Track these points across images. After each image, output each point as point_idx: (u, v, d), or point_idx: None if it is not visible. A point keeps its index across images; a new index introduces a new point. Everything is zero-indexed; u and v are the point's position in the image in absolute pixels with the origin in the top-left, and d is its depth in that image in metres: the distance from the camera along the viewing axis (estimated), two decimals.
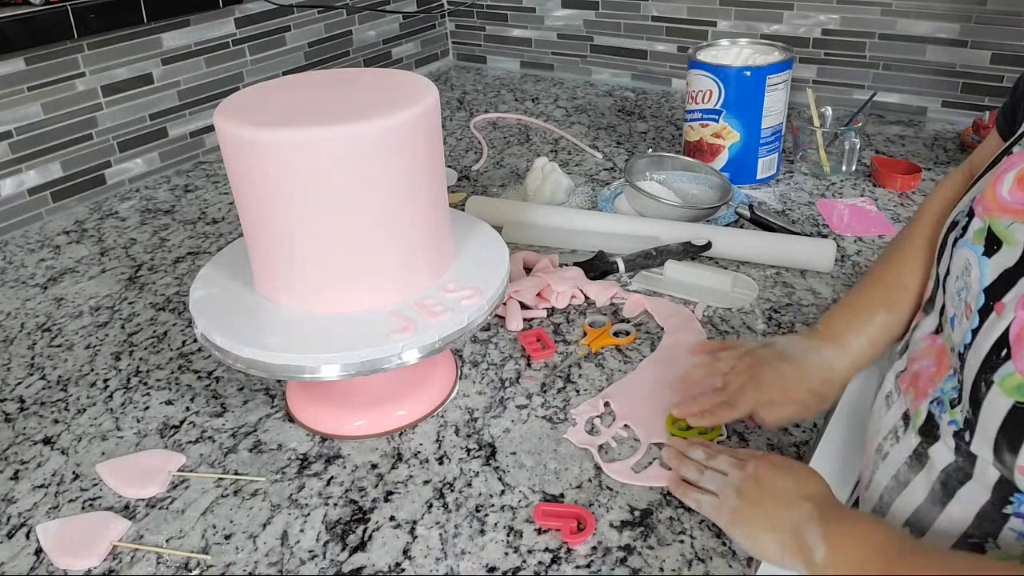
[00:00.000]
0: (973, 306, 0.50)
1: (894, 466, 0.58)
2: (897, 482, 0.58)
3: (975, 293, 0.50)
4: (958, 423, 0.51)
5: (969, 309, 0.50)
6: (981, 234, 0.52)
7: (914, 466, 0.56)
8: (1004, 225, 0.50)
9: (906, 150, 1.28)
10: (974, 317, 0.49)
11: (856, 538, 0.52)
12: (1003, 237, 0.50)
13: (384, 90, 0.69)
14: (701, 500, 0.62)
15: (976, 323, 0.49)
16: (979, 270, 0.51)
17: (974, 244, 0.53)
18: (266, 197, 0.65)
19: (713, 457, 0.64)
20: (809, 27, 1.43)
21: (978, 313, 0.49)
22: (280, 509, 0.67)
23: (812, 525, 0.54)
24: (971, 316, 0.50)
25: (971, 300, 0.50)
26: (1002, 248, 0.50)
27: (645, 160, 1.16)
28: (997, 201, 0.52)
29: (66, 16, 1.14)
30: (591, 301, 0.93)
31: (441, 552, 0.62)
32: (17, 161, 1.17)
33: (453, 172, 1.29)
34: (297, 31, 1.51)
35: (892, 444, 0.59)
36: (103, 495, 0.69)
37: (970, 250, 0.53)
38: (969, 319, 0.50)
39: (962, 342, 0.50)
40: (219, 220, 1.19)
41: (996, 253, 0.50)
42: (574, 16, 1.68)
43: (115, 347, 0.90)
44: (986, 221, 0.52)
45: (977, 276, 0.51)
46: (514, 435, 0.73)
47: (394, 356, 0.65)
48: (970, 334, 0.49)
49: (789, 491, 0.57)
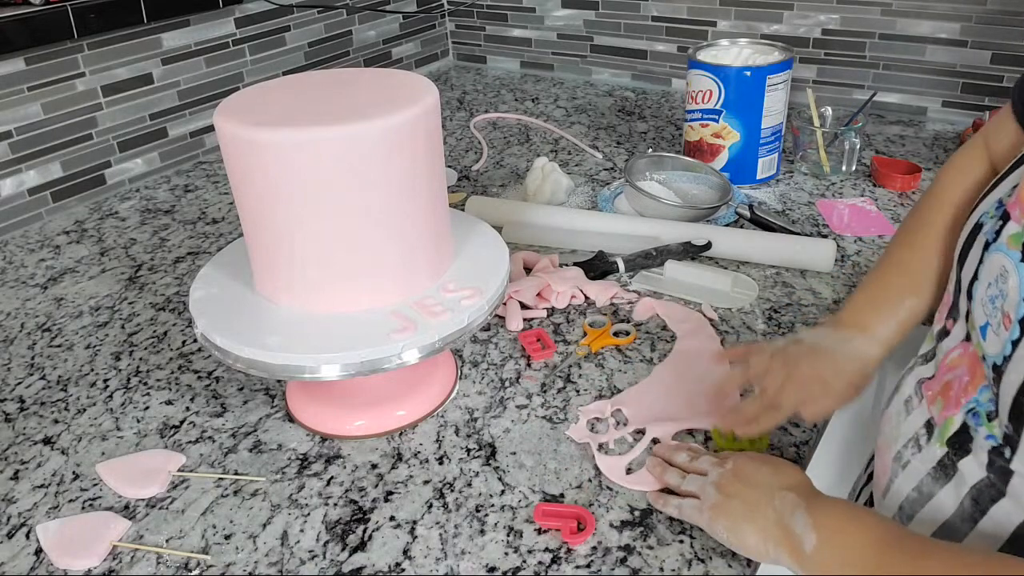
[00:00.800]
0: (1013, 316, 0.47)
1: (916, 477, 0.57)
2: (920, 494, 0.56)
3: (1014, 302, 0.47)
4: (996, 438, 0.49)
5: (1008, 319, 0.48)
6: (1018, 239, 0.49)
7: (939, 478, 0.54)
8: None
9: (906, 150, 1.28)
10: (1014, 328, 0.47)
11: (850, 526, 0.51)
12: None
13: (384, 90, 0.69)
14: (681, 505, 0.61)
15: (1017, 334, 0.47)
16: (1018, 277, 0.48)
17: (1010, 249, 0.50)
18: (266, 197, 0.65)
19: (696, 459, 0.64)
20: (809, 27, 1.43)
21: (1019, 324, 0.46)
22: (280, 509, 0.67)
23: (799, 513, 0.52)
24: (1011, 327, 0.47)
25: (1010, 309, 0.48)
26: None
27: (645, 160, 1.16)
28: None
29: (66, 16, 1.14)
30: (591, 301, 0.93)
31: (441, 552, 0.62)
32: (17, 161, 1.17)
33: (453, 172, 1.29)
34: (297, 31, 1.51)
35: (914, 453, 0.57)
36: (103, 495, 0.69)
37: (1006, 255, 0.50)
38: (1008, 330, 0.47)
39: (1000, 354, 0.48)
40: (219, 220, 1.19)
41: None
42: (574, 16, 1.68)
43: (115, 347, 0.90)
44: (1023, 225, 0.50)
45: (1016, 284, 0.48)
46: (514, 435, 0.73)
47: (394, 356, 0.65)
48: (1010, 345, 0.47)
49: (769, 481, 0.56)
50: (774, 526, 0.54)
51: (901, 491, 0.59)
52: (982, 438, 0.50)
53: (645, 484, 0.66)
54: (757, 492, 0.56)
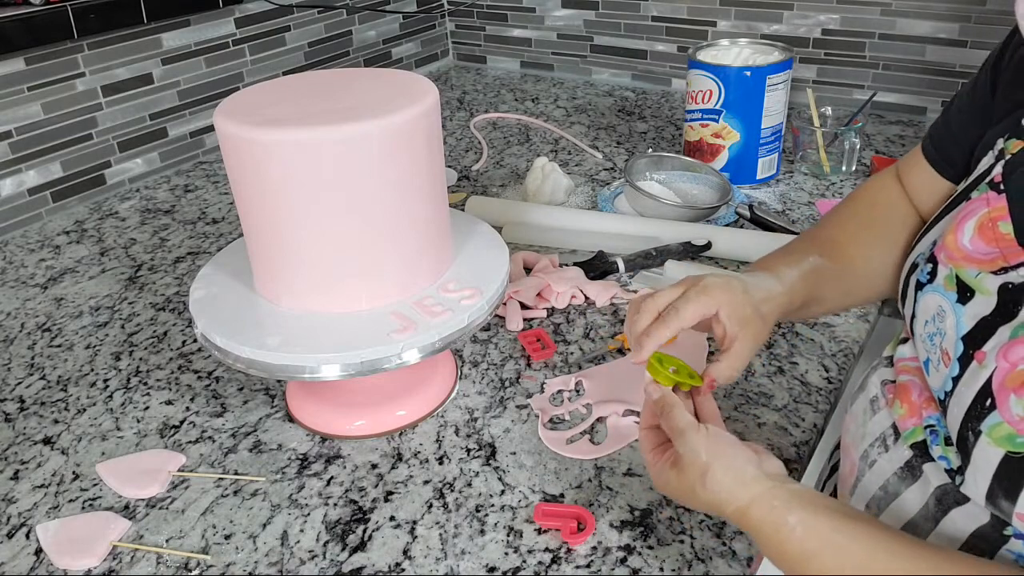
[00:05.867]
0: (952, 354, 0.49)
1: (882, 476, 0.57)
2: (886, 492, 0.57)
3: (952, 340, 0.50)
4: (950, 462, 0.50)
5: (947, 356, 0.50)
6: (951, 281, 0.52)
7: (905, 478, 0.55)
8: (972, 275, 0.50)
9: (906, 150, 1.27)
10: (953, 365, 0.49)
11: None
12: (974, 287, 0.50)
13: (384, 90, 0.69)
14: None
15: (956, 371, 0.48)
16: (955, 317, 0.50)
17: (947, 291, 0.52)
18: (266, 197, 0.65)
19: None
20: (809, 27, 1.43)
21: (958, 361, 0.49)
22: (280, 509, 0.67)
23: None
24: (950, 364, 0.49)
25: (948, 347, 0.50)
26: (975, 296, 0.49)
27: (645, 160, 1.16)
28: (960, 250, 0.52)
29: (66, 16, 1.14)
30: (591, 301, 0.93)
31: (441, 552, 0.62)
32: (17, 161, 1.17)
33: (453, 172, 1.29)
34: (297, 31, 1.51)
35: (880, 452, 0.58)
36: (103, 495, 0.69)
37: (943, 296, 0.52)
38: (948, 366, 0.49)
39: (942, 388, 0.50)
40: (219, 220, 1.19)
41: (970, 301, 0.50)
42: (574, 16, 1.68)
43: (115, 347, 0.90)
44: (951, 269, 0.52)
45: (953, 323, 0.50)
46: (514, 435, 0.73)
47: (394, 356, 0.65)
48: (950, 381, 0.49)
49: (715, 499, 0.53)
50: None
51: (868, 490, 0.59)
52: (937, 456, 0.51)
53: (578, 454, 0.70)
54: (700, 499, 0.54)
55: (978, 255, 0.51)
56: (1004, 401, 0.44)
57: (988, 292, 0.49)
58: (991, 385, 0.45)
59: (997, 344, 0.47)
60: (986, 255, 0.50)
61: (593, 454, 0.70)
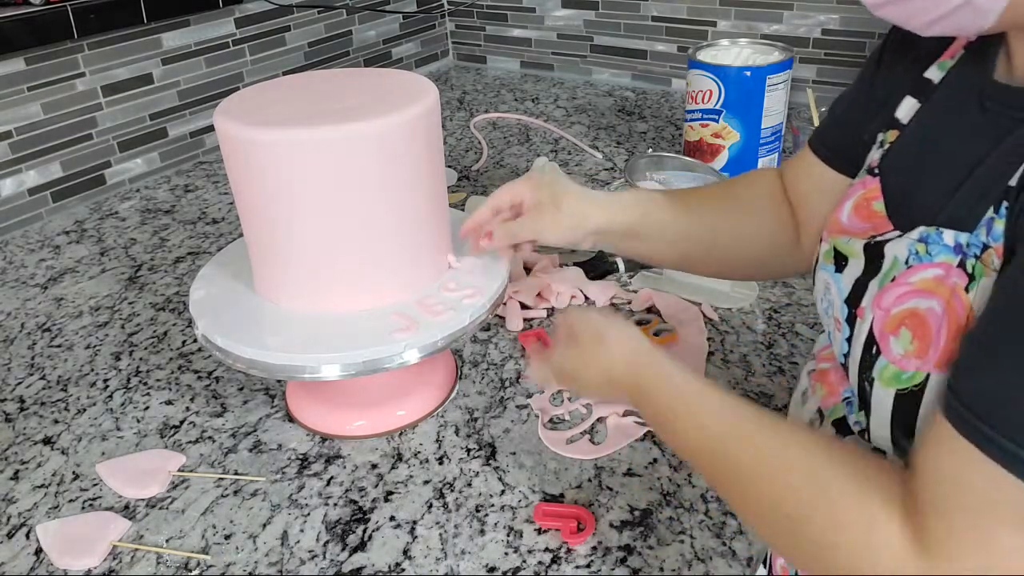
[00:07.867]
0: (840, 318, 0.54)
1: None
2: None
3: (838, 307, 0.54)
4: (862, 424, 0.54)
5: (838, 323, 0.54)
6: (830, 255, 0.56)
7: None
8: (844, 242, 0.55)
9: None
10: (844, 328, 0.53)
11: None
12: (847, 252, 0.54)
13: (384, 90, 0.69)
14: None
15: (848, 332, 0.52)
16: (836, 287, 0.55)
17: (826, 265, 0.56)
18: (266, 197, 0.65)
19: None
20: (809, 27, 1.43)
21: (846, 323, 0.53)
22: (280, 509, 0.67)
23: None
24: (841, 328, 0.53)
25: (837, 314, 0.54)
26: (849, 262, 0.54)
27: (645, 160, 1.16)
28: (839, 225, 0.57)
29: (66, 16, 1.14)
30: (591, 301, 0.93)
31: (441, 552, 0.62)
32: (17, 161, 1.17)
33: (453, 172, 1.29)
34: (297, 31, 1.51)
35: None
36: (103, 495, 0.69)
37: (825, 272, 0.57)
38: (841, 331, 0.53)
39: (841, 353, 0.54)
40: (219, 220, 1.19)
41: (846, 268, 0.54)
42: (574, 16, 1.68)
43: (115, 347, 0.90)
44: (830, 242, 0.57)
45: (836, 292, 0.54)
46: (514, 435, 0.73)
47: (395, 356, 0.65)
48: (845, 344, 0.53)
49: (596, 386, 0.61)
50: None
51: None
52: (853, 423, 0.55)
53: (583, 453, 0.70)
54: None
55: (851, 228, 0.56)
56: (886, 345, 0.48)
57: (857, 254, 0.53)
58: (874, 334, 0.49)
59: (871, 297, 0.51)
60: (860, 229, 0.55)
61: (593, 454, 0.70)
